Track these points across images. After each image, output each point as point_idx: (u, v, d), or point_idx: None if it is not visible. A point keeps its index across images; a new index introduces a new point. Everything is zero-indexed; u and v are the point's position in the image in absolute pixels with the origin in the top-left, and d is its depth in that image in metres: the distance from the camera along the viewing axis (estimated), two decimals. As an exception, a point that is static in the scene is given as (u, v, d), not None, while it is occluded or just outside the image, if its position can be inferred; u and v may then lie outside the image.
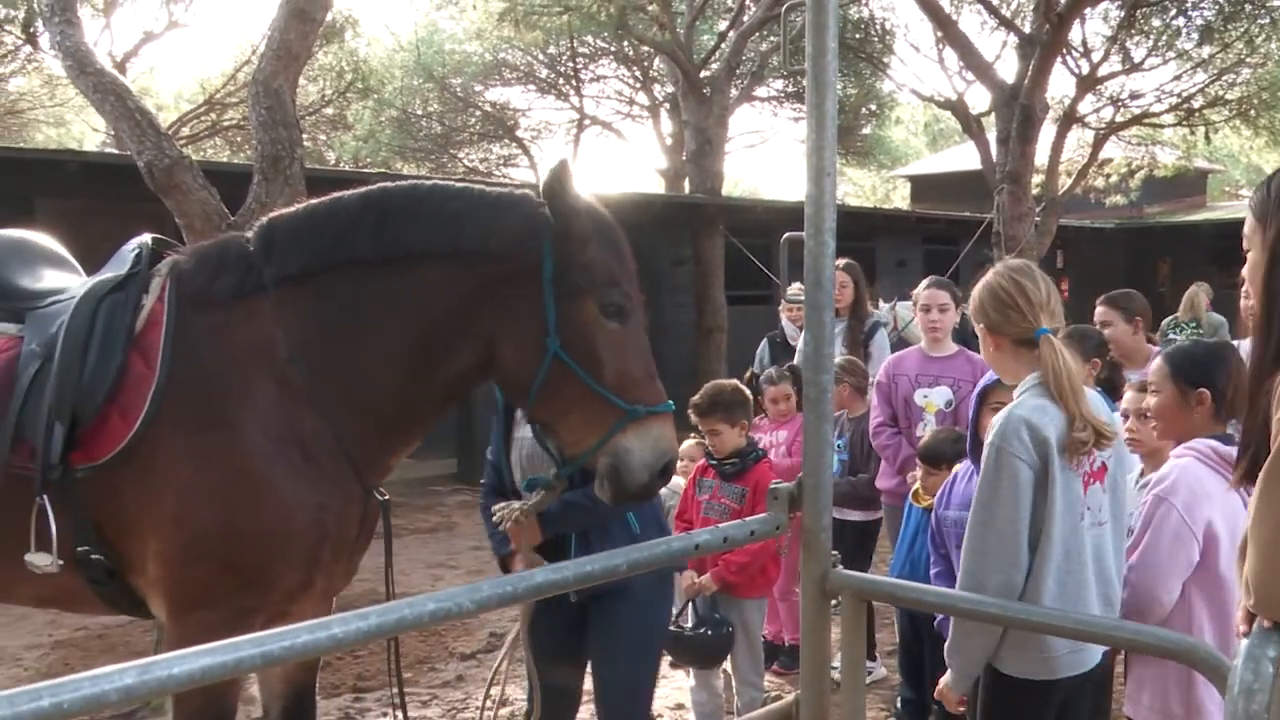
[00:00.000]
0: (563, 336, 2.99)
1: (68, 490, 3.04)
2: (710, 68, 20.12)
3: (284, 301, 3.13)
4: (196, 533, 2.99)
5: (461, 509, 11.11)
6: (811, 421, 2.84)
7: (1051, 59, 14.10)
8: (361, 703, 5.72)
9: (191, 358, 3.09)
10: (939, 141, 46.79)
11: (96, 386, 3.03)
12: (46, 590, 3.25)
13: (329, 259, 3.12)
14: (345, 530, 3.18)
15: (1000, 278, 3.17)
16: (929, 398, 5.59)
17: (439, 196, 3.16)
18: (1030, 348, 3.09)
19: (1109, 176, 24.01)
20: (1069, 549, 2.98)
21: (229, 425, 3.03)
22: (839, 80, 3.19)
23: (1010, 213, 13.84)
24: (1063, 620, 2.64)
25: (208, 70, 27.81)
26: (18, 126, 27.45)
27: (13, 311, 3.34)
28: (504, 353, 3.06)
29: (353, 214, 3.16)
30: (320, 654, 2.09)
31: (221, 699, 3.09)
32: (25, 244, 3.62)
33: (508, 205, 3.12)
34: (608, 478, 2.99)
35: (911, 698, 5.28)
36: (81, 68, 7.45)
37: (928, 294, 5.79)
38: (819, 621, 2.87)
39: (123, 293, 3.19)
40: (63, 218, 11.08)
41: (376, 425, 3.15)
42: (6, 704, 1.53)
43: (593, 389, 2.98)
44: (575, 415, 3.02)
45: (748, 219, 17.64)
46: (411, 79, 27.00)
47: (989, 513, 2.97)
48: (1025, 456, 2.92)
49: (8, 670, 6.35)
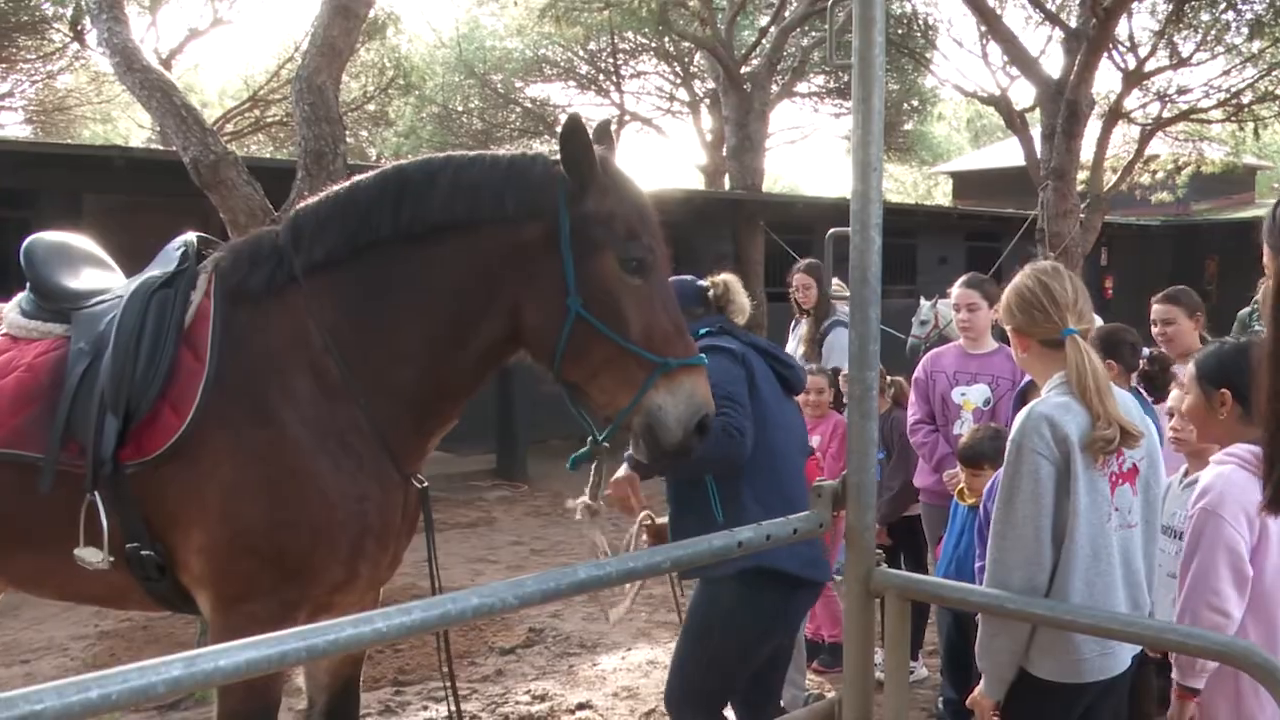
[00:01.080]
0: (584, 295, 2.94)
1: (118, 486, 3.07)
2: (751, 63, 20.06)
3: (315, 291, 3.15)
4: (242, 527, 3.02)
5: (501, 504, 11.14)
6: (856, 419, 2.82)
7: (1098, 54, 13.92)
8: (402, 695, 5.75)
9: (235, 353, 3.12)
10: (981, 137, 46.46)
11: (150, 381, 3.06)
12: (98, 588, 3.28)
13: (353, 242, 3.12)
14: (388, 520, 3.20)
15: (1026, 280, 3.16)
16: (966, 395, 5.52)
17: (453, 167, 3.13)
18: (1057, 349, 3.08)
19: (1155, 173, 23.68)
20: (1096, 549, 2.97)
21: (270, 420, 3.06)
22: (882, 75, 3.18)
23: (1055, 209, 13.68)
24: (1110, 622, 2.60)
25: (251, 67, 28.12)
26: (65, 123, 27.83)
27: (59, 312, 3.38)
28: (528, 318, 3.03)
29: (371, 195, 3.16)
30: (364, 647, 2.09)
31: (266, 691, 3.11)
32: (66, 246, 3.66)
33: (522, 168, 3.07)
34: (643, 437, 2.95)
35: (954, 698, 5.22)
36: (128, 64, 7.53)
37: (959, 293, 5.76)
38: (863, 620, 2.84)
39: (171, 289, 3.22)
40: (109, 213, 11.27)
41: (410, 408, 3.16)
42: (55, 695, 1.54)
43: (620, 346, 2.93)
44: (605, 375, 2.97)
45: (788, 215, 17.57)
46: (452, 75, 27.12)
47: (1011, 510, 2.97)
48: (1046, 453, 2.92)
49: (55, 660, 6.44)
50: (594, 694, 5.83)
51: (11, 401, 3.20)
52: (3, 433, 3.17)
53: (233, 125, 22.40)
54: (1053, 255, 12.85)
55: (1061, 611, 2.70)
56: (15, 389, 3.21)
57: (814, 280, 7.80)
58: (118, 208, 11.35)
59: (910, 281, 19.02)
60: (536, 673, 6.18)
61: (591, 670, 6.22)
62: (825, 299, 7.75)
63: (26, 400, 3.19)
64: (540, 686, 5.93)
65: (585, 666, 6.28)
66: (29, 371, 3.23)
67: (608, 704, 5.70)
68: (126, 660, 6.20)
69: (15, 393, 3.21)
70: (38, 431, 3.14)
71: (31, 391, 3.20)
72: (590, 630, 6.89)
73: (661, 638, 6.67)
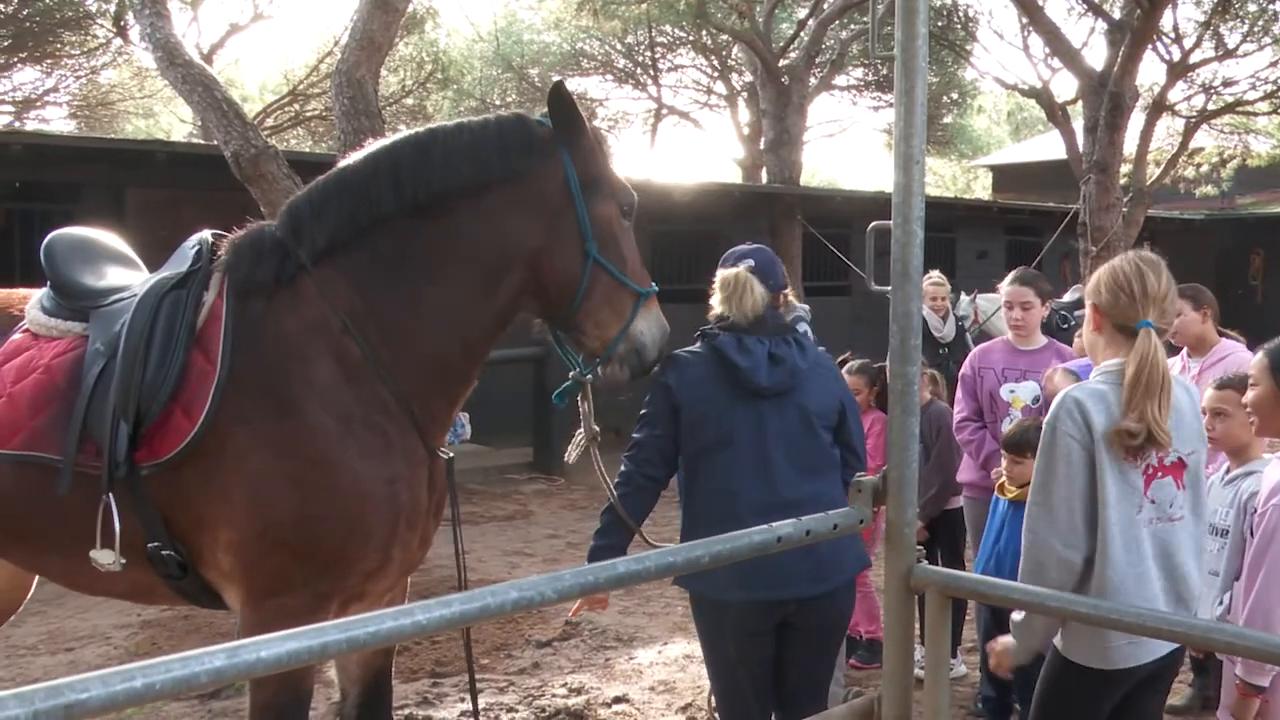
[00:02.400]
0: (597, 241, 3.22)
1: (134, 488, 3.08)
2: (789, 56, 19.97)
3: (325, 277, 3.17)
4: (271, 522, 3.02)
5: (538, 497, 11.17)
6: (897, 415, 2.79)
7: (1143, 45, 13.76)
8: (439, 687, 5.78)
9: (251, 349, 3.11)
10: (1022, 130, 46.04)
11: (159, 385, 3.06)
12: (122, 585, 3.31)
13: (355, 222, 3.16)
14: (417, 498, 3.21)
15: (1125, 262, 3.15)
16: (1016, 392, 5.44)
17: (442, 135, 3.23)
18: (1128, 336, 3.05)
19: (1199, 166, 23.40)
20: (1127, 541, 2.96)
21: (295, 412, 3.06)
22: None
23: (1097, 203, 13.54)
24: (1156, 621, 2.56)
25: (291, 61, 28.29)
26: (109, 118, 28.16)
27: (78, 310, 3.39)
28: (549, 267, 3.21)
29: (365, 174, 3.20)
30: (404, 640, 2.10)
31: (299, 682, 3.12)
32: (89, 241, 3.66)
33: (513, 128, 3.25)
34: (627, 360, 3.30)
35: (993, 696, 5.19)
36: (171, 59, 7.60)
37: (1011, 290, 5.63)
38: (903, 617, 2.81)
39: (183, 290, 3.22)
40: (152, 207, 11.38)
41: (438, 374, 3.21)
42: (100, 684, 1.55)
43: (620, 283, 3.25)
44: (604, 310, 3.25)
45: (826, 209, 17.48)
46: (490, 69, 27.22)
47: (1046, 492, 2.98)
48: (1077, 436, 2.94)
49: (98, 648, 6.53)
50: (630, 687, 5.83)
51: (30, 403, 3.21)
52: (23, 435, 3.19)
53: (272, 119, 22.61)
54: (1094, 250, 12.73)
55: (1105, 610, 2.66)
56: (34, 390, 3.23)
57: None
58: (160, 202, 11.45)
59: (949, 276, 18.82)
60: (573, 666, 6.19)
61: (628, 664, 6.23)
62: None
63: (45, 402, 3.21)
64: (577, 679, 5.94)
65: (622, 660, 6.29)
66: (46, 373, 3.25)
67: (644, 698, 5.70)
68: (168, 649, 6.31)
69: (34, 394, 3.22)
70: (55, 433, 3.15)
71: (49, 393, 3.22)
72: (626, 624, 6.90)
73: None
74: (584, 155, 3.23)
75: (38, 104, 24.75)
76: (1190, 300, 5.53)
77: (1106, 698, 3.09)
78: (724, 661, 3.73)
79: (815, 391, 3.71)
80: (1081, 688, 3.08)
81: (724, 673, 3.75)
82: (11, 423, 3.20)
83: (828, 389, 3.74)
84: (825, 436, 3.72)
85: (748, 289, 3.69)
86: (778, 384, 3.64)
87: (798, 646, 3.71)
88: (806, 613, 3.65)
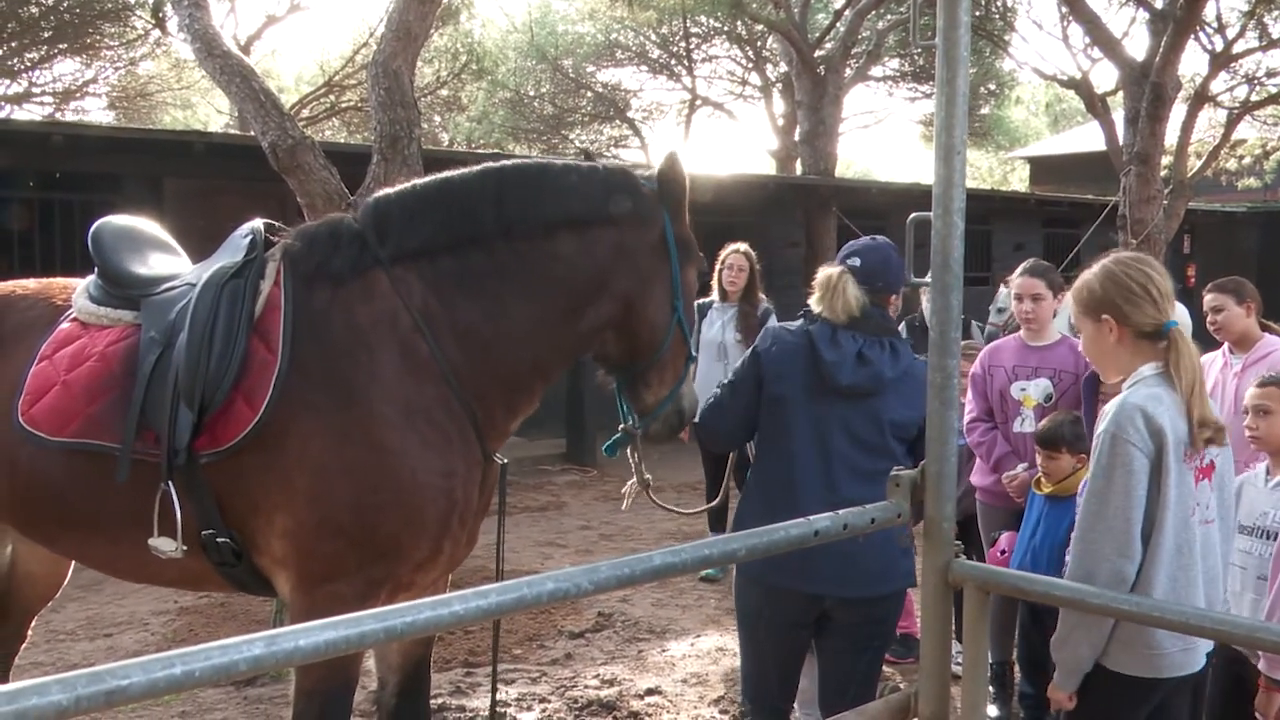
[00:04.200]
0: (683, 300, 3.41)
1: (192, 476, 3.11)
2: (825, 47, 19.87)
3: (401, 276, 3.21)
4: (331, 509, 3.05)
5: (570, 488, 11.20)
6: (936, 408, 2.76)
7: (1185, 35, 13.55)
8: (472, 677, 5.80)
9: (314, 337, 3.15)
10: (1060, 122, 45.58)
11: (222, 374, 3.10)
12: (172, 573, 3.34)
13: (453, 234, 3.24)
14: (470, 496, 3.26)
15: (1128, 268, 3.07)
16: (1027, 391, 5.23)
17: (552, 172, 3.36)
18: (1151, 341, 3.02)
19: (1241, 158, 23.01)
20: (1180, 544, 2.92)
21: (357, 401, 3.09)
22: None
23: (1138, 195, 13.36)
24: (1200, 620, 2.53)
25: (327, 52, 28.46)
26: (147, 109, 28.41)
27: (128, 299, 3.43)
28: (641, 312, 3.35)
29: (471, 190, 3.29)
30: (441, 630, 2.11)
31: (345, 669, 3.16)
32: (133, 230, 3.70)
33: (619, 179, 3.38)
34: (671, 422, 3.52)
35: (1031, 693, 5.14)
36: (209, 50, 7.64)
37: (1021, 282, 5.40)
38: (941, 611, 2.79)
39: (241, 279, 3.26)
40: (190, 197, 11.47)
41: (505, 385, 3.29)
42: (140, 670, 1.57)
43: (686, 345, 3.45)
44: (669, 369, 3.45)
45: (861, 201, 17.39)
46: (525, 60, 27.24)
47: (1102, 502, 2.92)
48: (1140, 444, 2.87)
49: (135, 634, 6.60)
50: (663, 680, 5.83)
51: (85, 391, 3.24)
52: (79, 422, 3.22)
53: (308, 110, 22.73)
54: (1134, 243, 12.58)
55: (1148, 608, 2.63)
56: (89, 379, 3.26)
57: (748, 264, 7.65)
58: (197, 192, 11.54)
59: (985, 269, 18.73)
60: (605, 657, 6.19)
61: (660, 656, 6.22)
62: (754, 285, 7.65)
63: (100, 390, 3.24)
64: (609, 671, 5.94)
65: (654, 652, 6.29)
66: (101, 361, 3.28)
67: (677, 690, 5.69)
68: (205, 635, 6.37)
69: (89, 382, 3.25)
70: (112, 421, 3.19)
71: (105, 381, 3.25)
72: (659, 616, 6.89)
73: (730, 625, 6.64)
74: (679, 221, 3.41)
75: (77, 95, 24.99)
76: (1233, 295, 5.44)
77: (1149, 704, 3.06)
78: (756, 645, 3.79)
79: (897, 402, 3.63)
80: (1127, 699, 3.04)
81: (753, 656, 3.82)
82: (67, 410, 3.24)
83: (912, 402, 3.54)
84: (898, 448, 3.65)
85: (838, 290, 3.66)
86: (857, 385, 3.60)
87: (836, 639, 3.72)
88: (845, 611, 3.66)
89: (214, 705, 5.38)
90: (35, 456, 3.27)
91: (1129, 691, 3.02)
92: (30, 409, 3.27)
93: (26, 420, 3.27)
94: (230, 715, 5.30)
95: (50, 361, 3.32)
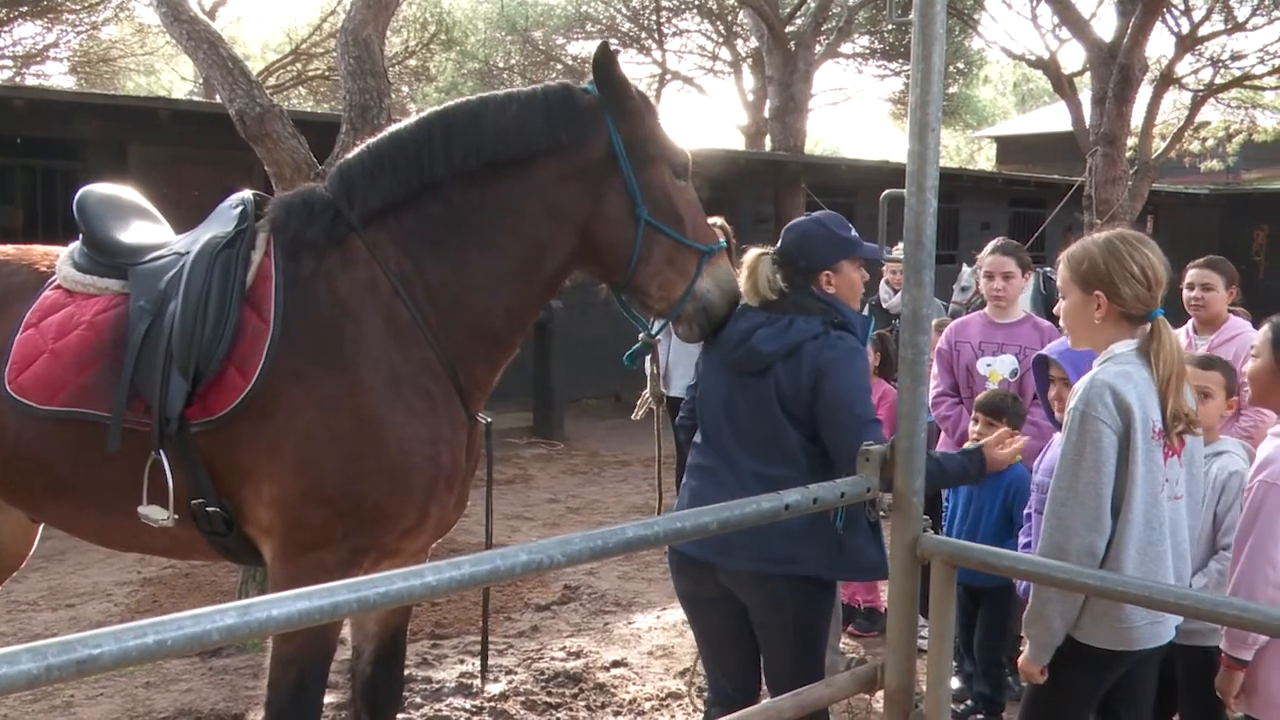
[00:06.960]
0: (648, 204, 3.23)
1: (183, 444, 3.10)
2: (795, 22, 19.84)
3: (375, 239, 3.20)
4: (318, 477, 3.06)
5: (537, 461, 11.19)
6: (907, 384, 2.79)
7: (1154, 16, 13.63)
8: (439, 649, 5.80)
9: (301, 307, 3.15)
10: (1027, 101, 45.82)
11: (216, 343, 3.09)
12: (162, 541, 3.33)
13: (408, 185, 3.20)
14: (457, 459, 3.26)
15: (1133, 249, 3.05)
16: (992, 366, 5.31)
17: (493, 104, 3.27)
18: (1132, 323, 3.05)
19: (1205, 140, 23.27)
20: (1149, 519, 2.97)
21: (343, 370, 3.10)
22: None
23: (1104, 175, 13.46)
24: (1164, 594, 2.56)
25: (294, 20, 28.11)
26: (109, 74, 27.99)
27: (115, 267, 3.39)
28: (600, 234, 3.24)
29: (418, 140, 3.24)
30: (415, 601, 2.10)
31: (325, 637, 3.17)
32: (116, 198, 3.67)
33: (559, 98, 3.27)
34: (696, 319, 3.34)
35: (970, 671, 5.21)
36: (175, 15, 7.50)
37: (992, 260, 5.47)
38: (908, 586, 2.82)
39: (233, 249, 3.24)
40: (155, 164, 11.31)
41: (482, 340, 3.26)
42: (113, 639, 1.56)
43: (679, 243, 3.27)
44: (667, 271, 3.29)
45: (831, 177, 17.41)
46: (494, 31, 27.07)
47: (1073, 477, 2.96)
48: (1109, 421, 2.91)
49: (99, 605, 6.55)
50: (629, 652, 5.86)
51: (75, 359, 3.21)
52: (69, 391, 3.19)
53: (274, 79, 22.48)
54: (1100, 222, 12.67)
55: (1113, 583, 2.67)
56: (78, 347, 3.23)
57: (725, 239, 7.56)
58: (163, 160, 11.39)
59: (952, 247, 18.82)
60: (572, 629, 6.21)
61: (626, 628, 6.25)
62: (731, 259, 7.60)
63: (90, 358, 3.21)
64: (575, 643, 5.96)
65: (620, 624, 6.32)
66: (90, 329, 3.25)
67: (642, 662, 5.72)
68: (169, 606, 6.33)
69: (79, 351, 3.22)
70: (102, 390, 3.16)
71: (95, 349, 3.22)
72: (626, 589, 6.92)
73: (697, 598, 6.69)
74: (630, 119, 3.24)
75: (38, 59, 24.58)
76: (1223, 275, 5.41)
77: (1113, 676, 3.11)
78: (690, 622, 3.82)
79: (784, 376, 3.41)
80: (1092, 670, 3.08)
81: (695, 635, 3.86)
82: (56, 379, 3.21)
83: (795, 375, 3.39)
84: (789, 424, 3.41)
85: (752, 273, 3.56)
86: (743, 361, 3.44)
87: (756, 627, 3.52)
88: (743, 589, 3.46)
89: (179, 675, 5.36)
90: (23, 425, 3.24)
91: (1096, 663, 3.07)
92: (18, 377, 3.24)
93: (14, 388, 3.23)
94: (195, 685, 5.27)
95: (37, 329, 3.28)
